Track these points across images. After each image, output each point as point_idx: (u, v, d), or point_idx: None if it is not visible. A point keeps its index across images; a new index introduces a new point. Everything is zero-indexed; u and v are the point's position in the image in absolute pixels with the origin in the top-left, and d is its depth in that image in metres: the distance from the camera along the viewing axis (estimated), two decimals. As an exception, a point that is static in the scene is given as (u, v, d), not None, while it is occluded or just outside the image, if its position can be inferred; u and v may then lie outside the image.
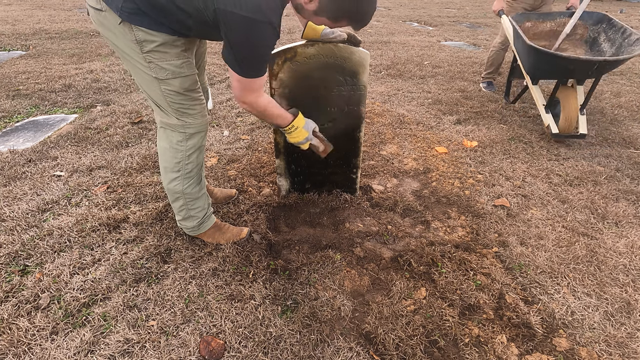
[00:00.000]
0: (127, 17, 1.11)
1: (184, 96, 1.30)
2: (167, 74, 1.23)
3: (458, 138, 2.72)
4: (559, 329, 1.32)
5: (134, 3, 1.10)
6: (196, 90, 1.34)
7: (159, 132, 1.43)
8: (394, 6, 10.71)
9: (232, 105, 3.28)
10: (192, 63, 1.29)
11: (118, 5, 1.10)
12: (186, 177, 1.45)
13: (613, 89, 3.83)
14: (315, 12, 1.12)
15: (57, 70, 3.96)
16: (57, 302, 1.36)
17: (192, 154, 1.42)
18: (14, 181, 2.07)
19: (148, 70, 1.22)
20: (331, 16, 1.11)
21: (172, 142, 1.39)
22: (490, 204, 1.99)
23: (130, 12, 1.10)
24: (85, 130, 2.67)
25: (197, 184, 1.51)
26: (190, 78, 1.28)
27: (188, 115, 1.35)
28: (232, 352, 1.21)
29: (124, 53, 1.21)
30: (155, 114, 1.40)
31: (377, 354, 1.22)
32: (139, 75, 1.25)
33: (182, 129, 1.37)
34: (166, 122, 1.37)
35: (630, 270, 1.57)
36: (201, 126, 1.40)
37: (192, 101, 1.33)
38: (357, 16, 1.12)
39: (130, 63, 1.23)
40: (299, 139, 1.48)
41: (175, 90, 1.27)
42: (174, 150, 1.39)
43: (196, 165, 1.46)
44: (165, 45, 1.18)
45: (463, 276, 1.52)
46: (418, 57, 5.02)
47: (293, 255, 1.62)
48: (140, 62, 1.21)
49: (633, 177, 2.26)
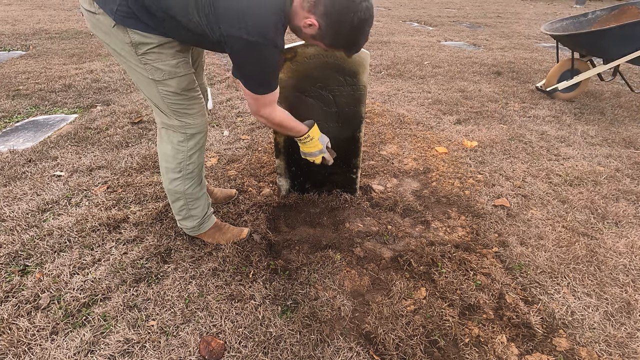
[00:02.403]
0: (121, 20, 1.11)
1: (182, 96, 1.30)
2: (164, 74, 1.22)
3: (458, 138, 2.72)
4: (559, 329, 1.32)
5: (129, 7, 1.09)
6: (194, 90, 1.33)
7: (160, 133, 1.43)
8: (394, 6, 10.71)
9: (232, 105, 3.28)
10: (188, 62, 1.28)
11: (112, 9, 1.09)
12: (187, 177, 1.45)
13: (613, 89, 3.83)
14: (312, 36, 1.17)
15: (57, 70, 3.96)
16: (57, 302, 1.36)
17: (194, 154, 1.42)
18: (14, 181, 2.07)
19: (144, 72, 1.22)
20: (327, 43, 1.18)
21: (174, 143, 1.39)
22: (490, 204, 1.99)
23: (125, 15, 1.10)
24: (85, 130, 2.67)
25: (198, 184, 1.51)
26: (187, 78, 1.28)
27: (187, 116, 1.35)
28: (232, 352, 1.21)
29: (120, 55, 1.21)
30: (155, 115, 1.40)
31: (377, 354, 1.22)
32: (136, 77, 1.26)
33: (182, 130, 1.37)
34: (166, 123, 1.37)
35: (630, 270, 1.57)
36: (201, 126, 1.40)
37: (190, 101, 1.33)
38: (352, 47, 1.20)
39: (127, 65, 1.23)
40: (313, 149, 1.52)
41: (172, 91, 1.27)
42: (175, 151, 1.39)
43: (197, 165, 1.46)
44: (160, 46, 1.18)
45: (463, 276, 1.52)
46: (418, 57, 5.02)
47: (293, 255, 1.62)
48: (136, 64, 1.21)
49: (633, 177, 2.26)
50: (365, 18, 1.10)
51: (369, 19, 1.12)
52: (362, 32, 1.14)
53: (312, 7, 1.09)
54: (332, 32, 1.13)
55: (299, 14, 1.12)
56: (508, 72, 4.37)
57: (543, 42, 6.20)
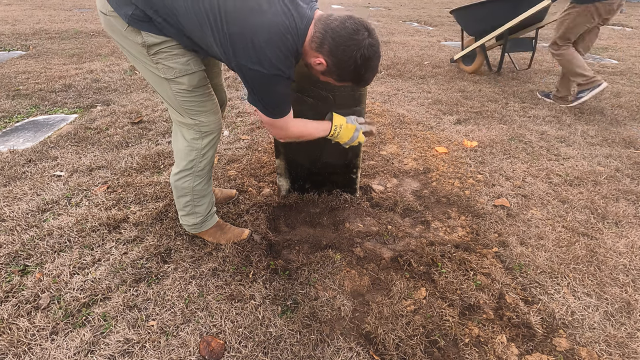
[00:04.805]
0: (135, 23, 1.13)
1: (194, 93, 1.31)
2: (175, 72, 1.24)
3: (458, 138, 2.72)
4: (559, 329, 1.32)
5: (145, 14, 1.12)
6: (206, 87, 1.35)
7: (174, 130, 1.45)
8: (394, 6, 10.71)
9: (232, 105, 3.28)
10: (198, 60, 1.30)
11: (127, 13, 1.12)
12: (198, 174, 1.47)
13: (613, 89, 3.83)
14: (322, 72, 1.22)
15: (57, 70, 3.96)
16: (57, 302, 1.36)
17: (207, 152, 1.44)
18: (14, 181, 2.07)
19: (157, 72, 1.24)
20: (337, 79, 1.23)
21: (187, 140, 1.41)
22: (490, 204, 1.99)
23: (140, 19, 1.13)
24: (85, 130, 2.67)
25: (207, 182, 1.53)
26: (198, 74, 1.30)
27: (201, 114, 1.36)
28: (232, 352, 1.21)
29: (134, 56, 1.24)
30: (171, 113, 1.42)
31: (377, 354, 1.22)
32: (150, 77, 1.28)
33: (197, 128, 1.39)
34: (181, 122, 1.39)
35: (630, 270, 1.57)
36: (214, 124, 1.41)
37: (202, 98, 1.34)
38: (359, 82, 1.24)
39: (141, 66, 1.26)
40: (350, 134, 1.52)
41: (184, 89, 1.29)
42: (190, 148, 1.41)
43: (209, 163, 1.48)
44: (171, 46, 1.20)
45: (463, 276, 1.52)
46: (418, 57, 5.02)
47: (293, 255, 1.62)
48: (149, 64, 1.23)
49: (633, 177, 2.26)
50: (369, 55, 1.14)
51: (373, 56, 1.16)
52: (368, 68, 1.18)
53: (318, 47, 1.14)
54: (337, 70, 1.18)
55: (308, 53, 1.18)
56: (508, 72, 4.37)
57: (543, 42, 6.20)
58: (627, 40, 6.54)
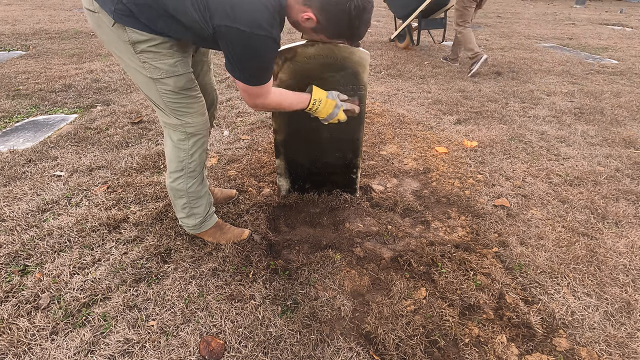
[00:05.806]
0: (119, 18, 1.11)
1: (180, 95, 1.30)
2: (161, 73, 1.22)
3: (458, 138, 2.72)
4: (559, 329, 1.32)
5: (126, 6, 1.09)
6: (193, 89, 1.33)
7: (164, 132, 1.44)
8: (394, 6, 10.69)
9: (232, 105, 3.28)
10: (186, 62, 1.28)
11: (111, 8, 1.10)
12: (189, 175, 1.46)
13: (613, 89, 3.83)
14: (313, 29, 1.15)
15: (57, 70, 3.96)
16: (57, 302, 1.36)
17: (195, 152, 1.43)
18: (14, 181, 2.07)
19: (143, 71, 1.22)
20: (328, 35, 1.17)
21: (174, 141, 1.40)
22: (490, 204, 1.99)
23: (123, 14, 1.10)
24: (85, 130, 2.67)
25: (200, 183, 1.52)
26: (185, 77, 1.28)
27: (186, 115, 1.35)
28: (232, 352, 1.21)
29: (119, 54, 1.22)
30: (157, 114, 1.41)
31: (377, 354, 1.22)
32: (135, 76, 1.26)
33: (182, 129, 1.37)
34: (166, 122, 1.38)
35: (630, 270, 1.57)
36: (200, 125, 1.40)
37: (188, 100, 1.33)
38: (354, 36, 1.19)
39: (126, 64, 1.23)
40: (329, 110, 1.45)
41: (170, 90, 1.27)
42: (177, 150, 1.40)
43: (199, 164, 1.47)
44: (157, 45, 1.18)
45: (463, 276, 1.52)
46: (418, 57, 5.02)
47: (293, 255, 1.62)
48: (135, 63, 1.21)
49: (633, 177, 2.26)
50: (363, 6, 1.08)
51: (367, 6, 1.10)
52: (362, 21, 1.12)
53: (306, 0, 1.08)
54: (330, 24, 1.11)
55: (294, 7, 1.11)
56: (508, 72, 4.37)
57: (543, 42, 6.21)
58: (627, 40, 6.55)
